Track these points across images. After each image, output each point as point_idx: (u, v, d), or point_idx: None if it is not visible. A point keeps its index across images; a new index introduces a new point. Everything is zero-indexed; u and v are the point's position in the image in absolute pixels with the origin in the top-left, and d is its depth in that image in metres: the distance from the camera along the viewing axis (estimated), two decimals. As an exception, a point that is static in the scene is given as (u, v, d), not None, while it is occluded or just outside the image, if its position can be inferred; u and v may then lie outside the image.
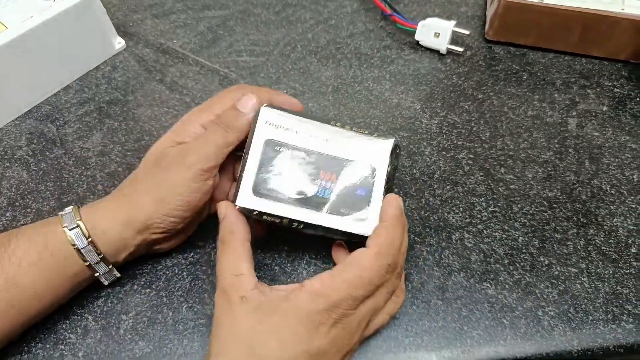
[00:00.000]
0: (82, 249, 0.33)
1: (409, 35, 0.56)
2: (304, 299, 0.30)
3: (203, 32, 0.57)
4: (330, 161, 0.34)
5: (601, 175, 0.45)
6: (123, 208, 0.35)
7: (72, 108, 0.50)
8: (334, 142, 0.34)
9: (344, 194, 0.34)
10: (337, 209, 0.34)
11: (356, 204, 0.34)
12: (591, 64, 0.54)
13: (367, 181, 0.34)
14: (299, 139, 0.34)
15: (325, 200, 0.34)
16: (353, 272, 0.30)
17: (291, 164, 0.34)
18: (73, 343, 0.36)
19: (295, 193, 0.34)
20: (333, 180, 0.34)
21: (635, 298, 0.38)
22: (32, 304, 0.33)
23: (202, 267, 0.39)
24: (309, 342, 0.29)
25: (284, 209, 0.34)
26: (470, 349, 0.36)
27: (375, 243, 0.31)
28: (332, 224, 0.34)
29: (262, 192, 0.34)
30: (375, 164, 0.34)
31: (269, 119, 0.34)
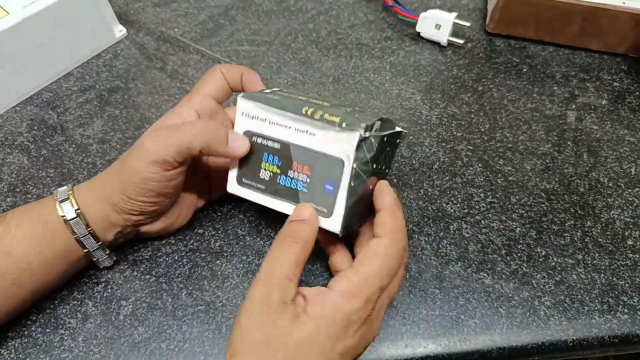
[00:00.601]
0: (70, 221, 0.34)
1: (410, 27, 0.56)
2: (337, 302, 0.29)
3: (204, 21, 0.57)
4: (303, 153, 0.33)
5: (599, 168, 0.45)
6: (101, 186, 0.35)
7: (72, 95, 0.50)
8: (305, 132, 0.33)
9: (314, 187, 0.33)
10: (306, 202, 0.33)
11: (323, 198, 0.33)
12: (591, 58, 0.54)
13: (336, 176, 0.33)
14: (272, 129, 0.34)
15: (297, 192, 0.34)
16: (376, 264, 0.30)
17: (267, 155, 0.34)
18: (73, 328, 0.36)
19: (271, 184, 0.35)
20: (305, 172, 0.33)
21: (631, 289, 0.38)
22: (26, 276, 0.33)
23: (201, 254, 0.40)
24: (343, 343, 0.29)
25: (262, 198, 0.35)
26: (466, 338, 0.36)
27: (385, 230, 0.32)
28: None
29: (244, 181, 0.35)
30: (343, 158, 0.32)
31: (245, 110, 0.35)
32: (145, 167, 0.33)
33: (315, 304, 0.29)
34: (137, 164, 0.33)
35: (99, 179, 0.36)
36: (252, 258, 0.40)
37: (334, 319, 0.29)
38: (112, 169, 0.36)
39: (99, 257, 0.36)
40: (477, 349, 0.36)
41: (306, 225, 0.32)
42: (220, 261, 0.39)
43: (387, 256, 0.31)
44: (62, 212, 0.34)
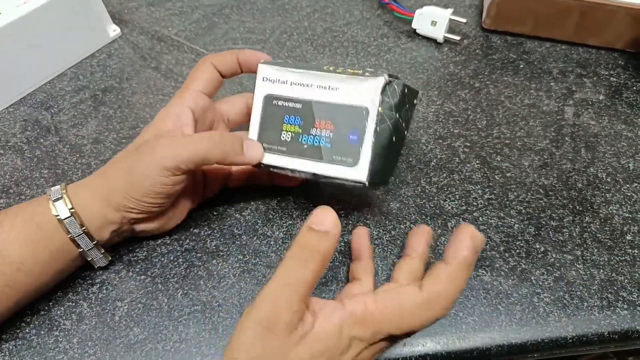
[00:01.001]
0: (64, 220, 0.33)
1: (406, 24, 0.56)
2: (344, 323, 0.28)
3: (198, 19, 0.57)
4: (325, 108, 0.34)
5: (597, 164, 0.45)
6: (102, 185, 0.35)
7: (66, 95, 0.50)
8: (327, 88, 0.34)
9: (338, 140, 0.34)
10: (331, 157, 0.34)
11: (348, 149, 0.33)
12: (588, 53, 0.54)
13: (360, 124, 0.33)
14: (293, 90, 0.35)
15: (320, 148, 0.34)
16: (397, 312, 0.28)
17: (288, 117, 0.35)
18: (68, 329, 0.36)
19: (293, 144, 0.35)
20: (328, 128, 0.34)
21: (630, 285, 0.38)
22: (20, 277, 0.33)
23: (197, 254, 0.39)
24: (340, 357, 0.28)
25: (285, 160, 0.35)
26: (465, 335, 0.36)
27: (430, 287, 0.28)
28: (327, 172, 0.34)
29: (265, 146, 0.36)
30: (367, 105, 0.33)
31: (266, 75, 0.36)
32: (158, 172, 0.33)
33: (322, 321, 0.28)
34: (150, 171, 0.33)
35: (98, 177, 0.36)
36: (249, 257, 0.39)
37: (338, 340, 0.28)
38: (115, 169, 0.35)
39: (93, 256, 0.36)
40: (476, 346, 0.36)
41: (327, 238, 0.28)
42: (217, 261, 0.39)
43: (412, 315, 0.28)
44: (56, 212, 0.33)
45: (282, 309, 0.26)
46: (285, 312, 0.26)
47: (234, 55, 0.38)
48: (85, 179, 0.36)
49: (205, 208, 0.41)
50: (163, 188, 0.34)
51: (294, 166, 0.35)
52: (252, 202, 0.42)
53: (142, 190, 0.34)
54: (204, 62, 0.38)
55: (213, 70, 0.38)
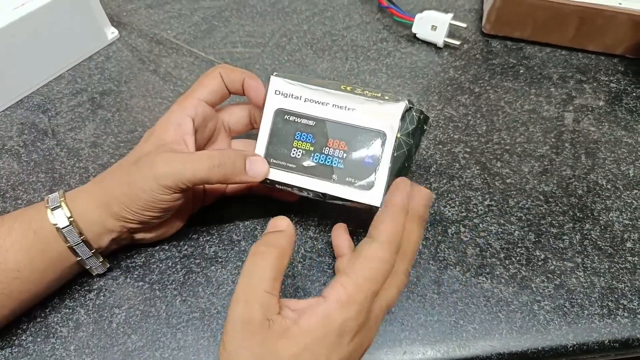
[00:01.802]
0: (63, 229, 0.33)
1: (406, 28, 0.56)
2: (332, 311, 0.28)
3: (198, 22, 0.56)
4: (339, 129, 0.34)
5: (597, 170, 0.45)
6: (101, 193, 0.34)
7: (64, 98, 0.49)
8: (344, 108, 0.34)
9: (352, 162, 0.33)
10: (344, 178, 0.33)
11: (363, 173, 0.33)
12: (588, 59, 0.54)
13: (376, 148, 0.33)
14: (307, 107, 0.34)
15: (332, 168, 0.34)
16: (368, 267, 0.29)
17: (300, 133, 0.34)
18: (65, 337, 0.36)
19: (303, 162, 0.34)
20: (342, 148, 0.34)
21: (631, 293, 0.38)
22: (17, 285, 0.32)
23: (195, 260, 0.39)
24: (339, 351, 0.28)
25: (293, 177, 0.34)
26: (465, 343, 0.36)
27: (379, 232, 0.30)
28: (339, 193, 0.34)
29: (273, 162, 0.35)
30: (385, 130, 0.33)
31: (279, 88, 0.35)
32: (157, 189, 0.33)
33: (308, 316, 0.28)
34: (149, 185, 0.33)
35: (97, 185, 0.35)
36: (248, 264, 0.39)
37: (328, 329, 0.27)
38: (114, 179, 0.35)
39: (92, 264, 0.36)
40: (476, 354, 0.36)
41: (282, 234, 0.30)
42: (215, 267, 0.39)
43: (377, 259, 0.29)
44: (55, 220, 0.33)
45: (253, 305, 0.27)
46: (257, 306, 0.27)
47: (242, 75, 0.37)
48: (83, 187, 0.36)
49: (204, 214, 0.41)
50: (161, 204, 0.34)
51: (303, 184, 0.34)
52: (251, 208, 0.42)
53: (140, 204, 0.33)
54: (213, 71, 0.37)
55: (219, 81, 0.37)
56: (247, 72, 0.38)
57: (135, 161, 0.34)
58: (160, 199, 0.33)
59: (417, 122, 0.33)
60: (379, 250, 0.29)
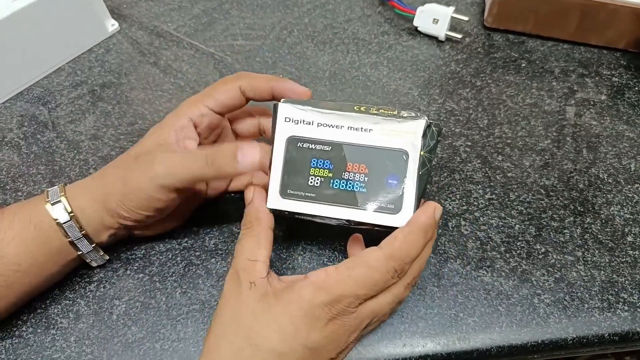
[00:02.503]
0: (63, 224, 0.33)
1: (408, 21, 0.55)
2: (306, 291, 0.29)
3: (198, 15, 0.56)
4: (357, 151, 0.32)
5: (598, 164, 0.45)
6: (100, 188, 0.34)
7: (64, 91, 0.49)
8: (360, 130, 0.32)
9: (375, 185, 0.32)
10: (367, 202, 0.32)
11: (388, 194, 0.31)
12: (590, 53, 0.53)
13: (399, 168, 0.31)
14: (321, 132, 0.32)
15: (354, 193, 0.32)
16: (359, 270, 0.29)
17: (316, 160, 0.32)
18: (65, 328, 0.36)
19: (323, 189, 0.32)
20: (362, 172, 0.32)
21: (631, 286, 0.38)
22: (17, 277, 0.32)
23: (195, 253, 0.39)
24: (306, 335, 0.28)
25: (314, 207, 0.32)
26: (465, 336, 0.36)
27: (388, 244, 0.29)
28: (365, 219, 0.32)
29: (290, 192, 0.33)
30: (407, 149, 0.31)
31: (288, 115, 0.33)
32: (154, 190, 0.33)
33: (287, 289, 0.29)
34: (146, 185, 0.33)
35: (96, 180, 0.35)
36: (248, 256, 0.39)
37: (300, 306, 0.28)
38: (113, 175, 0.35)
39: (92, 258, 0.36)
40: (476, 347, 0.36)
41: (250, 206, 0.33)
42: (215, 259, 0.39)
43: (374, 269, 0.29)
44: (55, 215, 0.33)
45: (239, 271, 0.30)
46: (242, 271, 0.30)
47: (268, 84, 0.36)
48: (83, 180, 0.36)
49: (204, 206, 0.41)
50: (158, 203, 0.33)
51: (325, 213, 0.32)
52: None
53: (136, 202, 0.33)
54: (232, 82, 0.36)
55: (236, 94, 0.36)
56: (272, 78, 0.36)
57: (135, 157, 0.34)
58: (156, 198, 0.33)
59: (437, 136, 0.32)
60: (378, 260, 0.29)
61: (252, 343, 0.28)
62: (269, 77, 0.36)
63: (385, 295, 0.30)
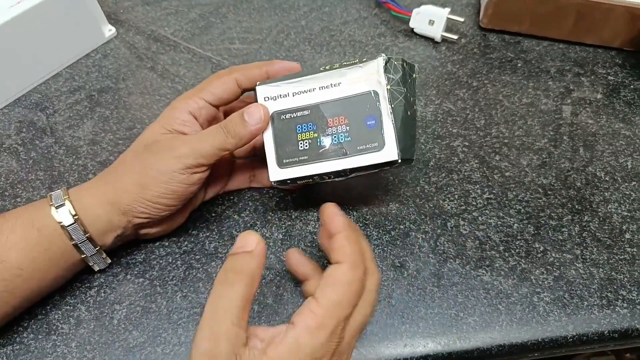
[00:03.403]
0: (68, 227, 0.33)
1: (404, 23, 0.56)
2: (301, 338, 0.27)
3: (195, 19, 0.56)
4: (334, 106, 0.34)
5: (595, 162, 0.45)
6: (108, 189, 0.34)
7: (62, 96, 0.49)
8: (330, 86, 0.35)
9: (357, 131, 0.34)
10: (355, 148, 0.34)
11: (370, 135, 0.34)
12: (585, 52, 0.54)
13: (374, 108, 0.34)
14: (298, 99, 0.35)
15: (341, 144, 0.34)
16: (337, 291, 0.28)
17: (300, 125, 0.35)
18: (66, 333, 0.36)
19: (313, 149, 0.35)
20: (343, 123, 0.34)
21: (630, 283, 0.38)
22: (19, 283, 0.32)
23: (196, 256, 0.39)
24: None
25: (310, 168, 0.35)
26: (466, 335, 0.36)
27: (343, 254, 0.29)
28: (357, 163, 0.34)
29: (286, 162, 0.35)
30: (374, 88, 0.34)
31: (267, 94, 0.36)
32: (178, 169, 0.33)
33: (276, 345, 0.27)
34: (169, 166, 0.33)
35: (101, 181, 0.35)
36: (248, 259, 0.39)
37: (298, 356, 0.26)
38: (123, 172, 0.35)
39: (95, 261, 0.36)
40: (477, 346, 0.36)
41: (251, 257, 0.28)
42: (215, 263, 0.39)
43: (348, 283, 0.28)
44: (60, 218, 0.33)
45: (219, 340, 0.26)
46: (223, 341, 0.26)
47: (263, 70, 0.37)
48: (86, 184, 0.36)
49: (204, 209, 0.41)
50: (180, 187, 0.34)
51: (321, 170, 0.35)
52: (251, 203, 0.42)
53: (157, 190, 0.33)
54: (227, 75, 0.37)
55: (232, 86, 0.37)
56: (265, 63, 0.38)
57: (144, 149, 0.35)
58: (179, 180, 0.33)
59: (402, 69, 0.34)
60: (347, 274, 0.28)
61: None
62: (260, 64, 0.38)
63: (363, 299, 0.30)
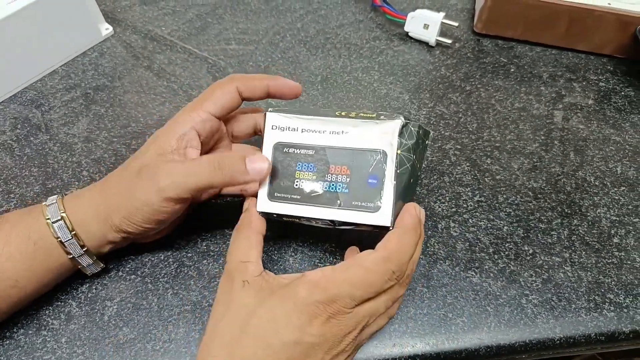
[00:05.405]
0: (65, 242, 0.33)
1: (399, 27, 0.56)
2: (302, 288, 0.29)
3: (192, 19, 0.56)
4: (339, 154, 0.33)
5: (585, 167, 0.45)
6: (101, 206, 0.34)
7: (57, 94, 0.49)
8: (341, 133, 0.33)
9: (356, 185, 0.33)
10: (349, 202, 0.33)
11: (368, 194, 0.32)
12: (577, 58, 0.54)
13: (378, 168, 0.32)
14: (305, 137, 0.34)
15: (337, 194, 0.33)
16: (355, 272, 0.29)
17: (301, 163, 0.34)
18: (56, 329, 0.36)
19: (307, 191, 0.34)
20: (344, 173, 0.33)
21: (617, 287, 0.38)
22: (13, 292, 0.32)
23: (187, 254, 0.39)
24: (301, 332, 0.28)
25: (298, 209, 0.34)
26: (454, 336, 0.36)
27: (384, 247, 0.30)
28: (347, 218, 0.33)
29: (277, 195, 0.34)
30: (384, 149, 0.32)
31: (275, 123, 0.35)
32: (158, 202, 0.32)
33: (283, 286, 0.30)
34: (150, 198, 0.32)
35: (97, 195, 0.35)
36: (239, 257, 0.39)
37: (295, 302, 0.29)
38: (116, 190, 0.34)
39: (91, 270, 0.36)
40: (465, 347, 0.36)
41: (247, 213, 0.34)
42: (207, 261, 0.39)
43: (371, 271, 0.29)
44: (57, 234, 0.33)
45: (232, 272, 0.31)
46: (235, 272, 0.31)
47: (264, 83, 0.37)
48: (83, 193, 0.35)
49: (197, 209, 0.41)
50: (162, 216, 0.33)
51: (310, 214, 0.34)
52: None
53: (141, 216, 0.33)
54: (229, 84, 0.36)
55: (234, 96, 0.36)
56: (267, 77, 0.37)
57: (137, 172, 0.34)
58: (162, 211, 0.33)
59: (416, 136, 0.33)
60: (374, 262, 0.29)
61: (246, 334, 0.29)
62: (263, 76, 0.37)
63: (382, 298, 0.30)
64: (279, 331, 0.28)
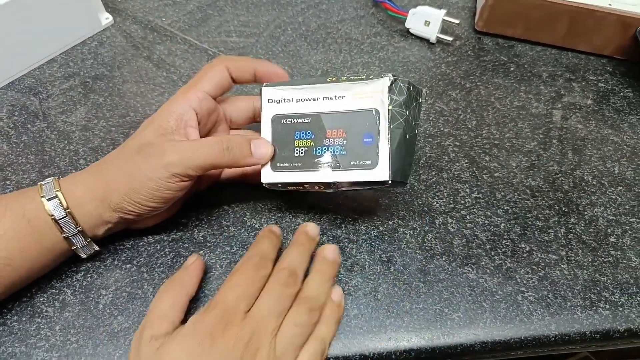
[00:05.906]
0: (59, 220, 0.33)
1: (400, 23, 0.56)
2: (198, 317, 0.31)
3: (192, 11, 0.56)
4: (334, 118, 0.35)
5: (583, 167, 0.45)
6: (100, 184, 0.34)
7: (56, 82, 0.49)
8: (334, 98, 0.35)
9: (353, 146, 0.34)
10: (348, 162, 0.34)
11: (366, 153, 0.34)
12: (577, 58, 0.55)
13: (372, 126, 0.34)
14: (300, 106, 0.35)
15: (337, 157, 0.34)
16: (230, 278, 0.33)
17: (299, 132, 0.35)
18: (50, 316, 0.36)
19: (308, 158, 0.35)
20: (341, 136, 0.34)
21: (613, 286, 0.39)
22: (7, 272, 0.32)
23: (184, 244, 0.39)
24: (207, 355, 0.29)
25: (301, 175, 0.35)
26: (450, 331, 0.36)
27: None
28: (347, 178, 0.34)
29: (280, 165, 0.36)
30: (376, 107, 0.34)
31: (271, 97, 0.36)
32: (166, 178, 0.33)
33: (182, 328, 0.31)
34: (157, 174, 0.33)
35: (94, 175, 0.35)
36: (236, 249, 0.39)
37: (196, 332, 0.30)
38: (115, 170, 0.34)
39: (85, 252, 0.36)
40: (460, 342, 0.36)
41: (185, 271, 0.35)
42: (204, 251, 0.39)
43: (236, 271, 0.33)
44: (51, 212, 0.32)
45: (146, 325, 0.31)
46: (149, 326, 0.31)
47: (252, 64, 0.38)
48: (78, 174, 0.35)
49: (194, 199, 0.41)
50: (168, 193, 0.33)
51: (312, 179, 0.35)
52: (241, 194, 0.42)
53: (146, 194, 0.33)
54: (218, 64, 0.37)
55: (225, 75, 0.37)
56: (255, 60, 0.38)
57: (137, 150, 0.34)
58: (167, 188, 0.33)
59: (407, 92, 0.34)
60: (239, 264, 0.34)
61: None
62: (249, 59, 0.38)
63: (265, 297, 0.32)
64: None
